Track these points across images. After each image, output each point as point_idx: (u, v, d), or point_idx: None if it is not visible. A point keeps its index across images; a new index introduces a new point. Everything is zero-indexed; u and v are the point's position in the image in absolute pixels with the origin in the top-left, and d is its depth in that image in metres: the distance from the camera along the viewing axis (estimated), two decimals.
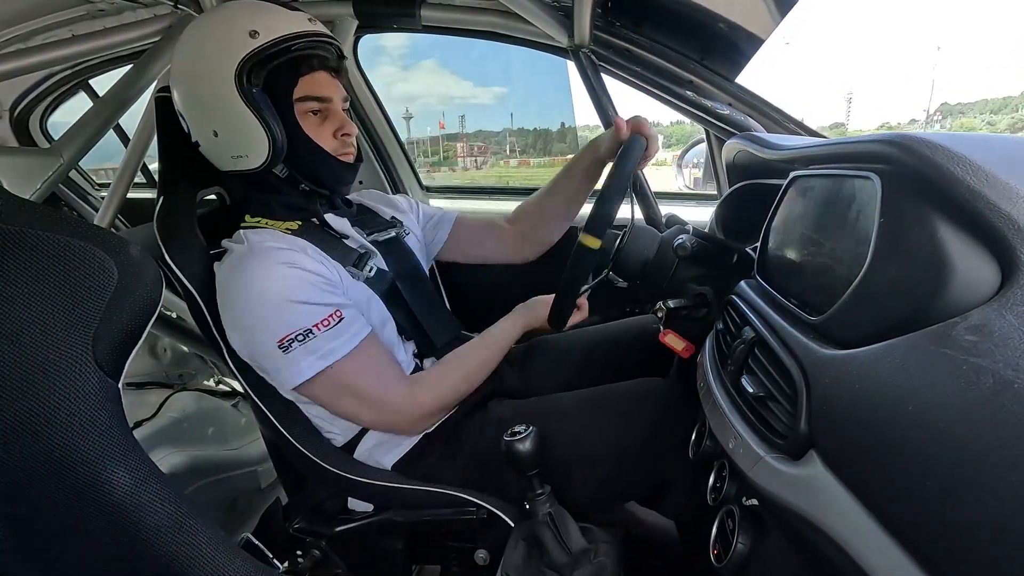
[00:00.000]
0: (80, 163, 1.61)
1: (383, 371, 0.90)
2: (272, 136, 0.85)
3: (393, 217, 1.12)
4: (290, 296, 0.81)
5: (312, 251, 0.90)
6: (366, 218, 1.07)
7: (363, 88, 1.71)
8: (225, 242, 0.93)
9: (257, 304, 0.82)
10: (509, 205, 1.91)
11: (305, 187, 0.94)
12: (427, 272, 1.13)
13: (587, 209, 0.91)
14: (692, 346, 0.93)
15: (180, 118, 0.92)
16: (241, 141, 0.86)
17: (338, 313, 0.84)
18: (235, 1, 0.88)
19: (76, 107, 2.02)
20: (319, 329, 0.82)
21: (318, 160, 0.91)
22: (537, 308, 1.06)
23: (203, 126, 0.88)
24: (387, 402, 0.89)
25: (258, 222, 0.94)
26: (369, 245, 1.00)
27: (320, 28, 0.89)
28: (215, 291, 0.91)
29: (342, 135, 0.92)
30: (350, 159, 0.95)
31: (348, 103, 0.97)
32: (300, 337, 0.81)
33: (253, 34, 0.82)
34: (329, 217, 0.99)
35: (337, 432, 0.98)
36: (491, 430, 0.97)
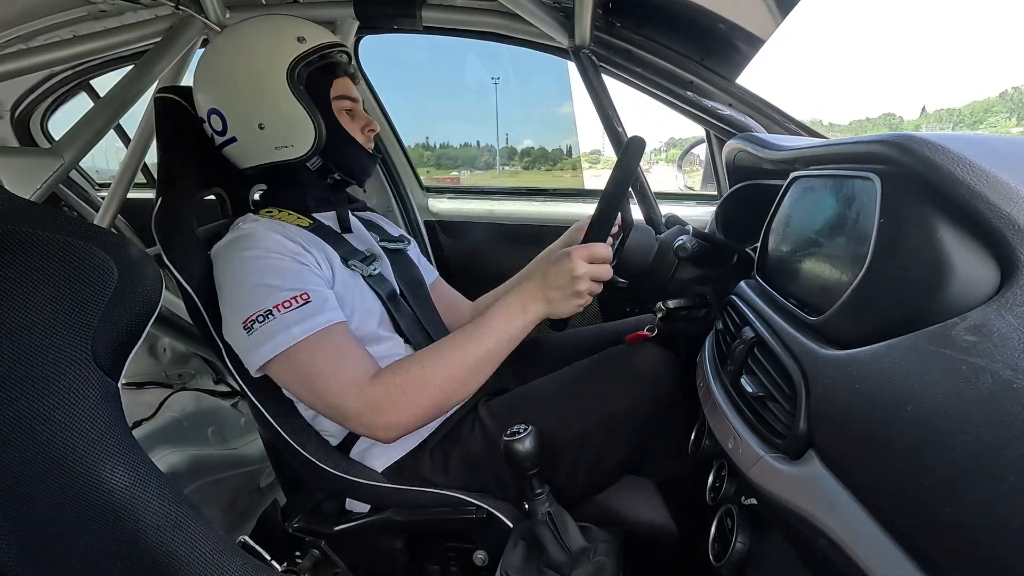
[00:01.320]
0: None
1: (342, 361, 0.84)
2: (317, 126, 0.94)
3: (401, 235, 1.18)
4: (259, 280, 0.84)
5: (304, 239, 0.93)
6: (377, 228, 1.15)
7: (364, 88, 1.72)
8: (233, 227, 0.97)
9: (231, 287, 0.86)
10: (510, 206, 1.92)
11: (333, 179, 1.03)
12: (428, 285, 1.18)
13: (589, 209, 0.90)
14: (636, 339, 0.98)
15: (209, 116, 0.96)
16: (288, 132, 0.94)
17: (303, 296, 0.84)
18: (273, 16, 0.99)
19: (78, 108, 2.02)
20: (279, 310, 0.82)
21: (352, 150, 1.01)
22: (554, 296, 0.85)
23: (247, 120, 0.94)
24: (334, 392, 0.83)
25: (270, 212, 1.00)
26: (378, 249, 1.06)
27: (339, 39, 1.02)
28: (213, 291, 0.93)
29: (368, 131, 1.04)
30: (371, 150, 1.06)
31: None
32: (260, 318, 0.82)
33: (301, 40, 0.94)
34: (326, 230, 1.03)
35: (332, 432, 0.99)
36: (481, 430, 0.96)
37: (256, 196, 1.20)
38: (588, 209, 0.92)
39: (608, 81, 1.38)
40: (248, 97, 0.94)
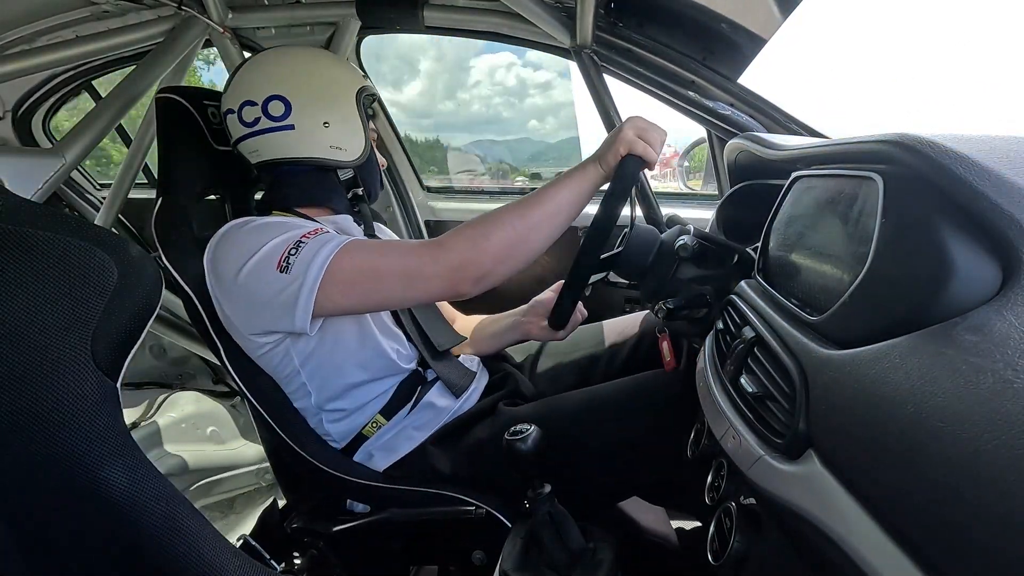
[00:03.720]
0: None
1: (392, 242, 0.91)
2: (367, 141, 1.07)
3: None
4: (272, 234, 0.87)
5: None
6: (375, 235, 1.16)
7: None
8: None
9: (248, 253, 0.85)
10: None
11: (354, 192, 1.11)
12: None
13: (591, 210, 0.90)
14: (675, 364, 0.97)
15: (267, 102, 0.98)
16: (346, 137, 1.04)
17: (321, 229, 0.89)
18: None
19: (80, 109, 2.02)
20: (308, 237, 0.85)
21: (377, 172, 1.13)
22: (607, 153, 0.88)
23: (316, 114, 1.01)
24: (406, 262, 0.84)
25: (276, 214, 1.02)
26: None
27: None
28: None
29: (380, 164, 1.15)
30: None
31: None
32: (293, 250, 0.84)
33: (364, 76, 1.10)
34: (344, 219, 1.08)
35: (335, 436, 0.99)
36: (498, 430, 0.97)
37: (258, 196, 1.20)
38: (590, 209, 0.91)
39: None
40: (324, 96, 1.02)
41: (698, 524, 1.12)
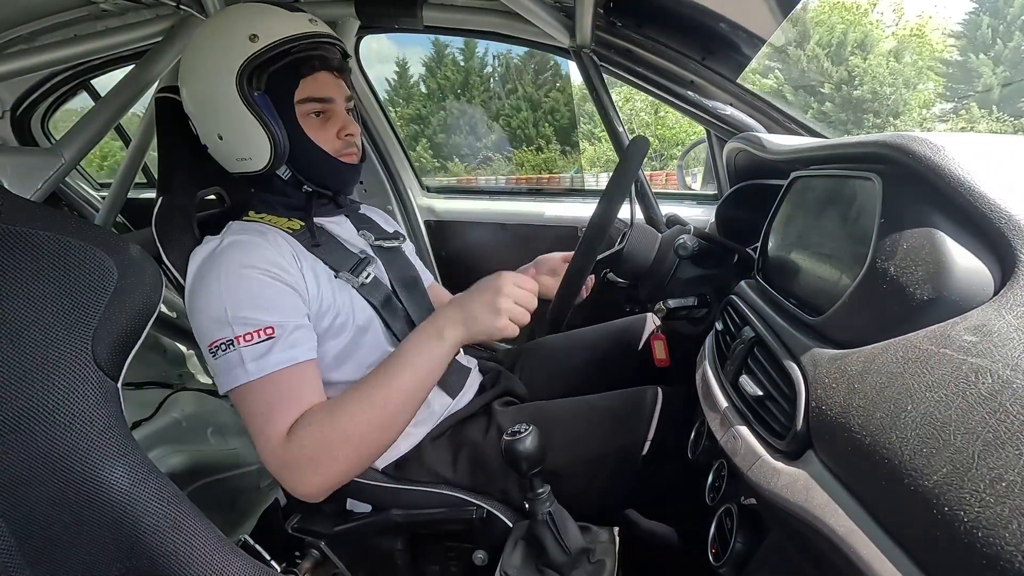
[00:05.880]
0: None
1: (275, 409, 0.77)
2: (273, 139, 0.85)
3: (396, 231, 1.12)
4: (231, 301, 0.79)
5: (294, 253, 0.88)
6: (371, 225, 1.08)
7: (364, 87, 1.72)
8: (208, 237, 0.90)
9: (207, 304, 0.80)
10: (510, 206, 1.92)
11: (308, 188, 0.94)
12: (424, 284, 1.11)
13: (590, 209, 0.90)
14: (667, 362, 0.97)
15: (190, 120, 0.93)
16: (244, 144, 0.86)
17: (268, 330, 0.78)
18: (237, 5, 0.89)
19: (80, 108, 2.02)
20: (240, 343, 0.77)
21: (320, 161, 0.91)
22: (476, 310, 0.80)
23: (209, 129, 0.89)
24: (257, 442, 0.77)
25: (262, 218, 0.93)
26: (370, 251, 1.00)
27: (322, 28, 0.89)
28: None
29: (345, 135, 0.92)
30: (353, 160, 0.95)
31: (353, 103, 0.96)
32: (223, 347, 0.77)
33: (253, 38, 0.82)
34: (329, 220, 0.99)
35: None
36: (493, 433, 0.96)
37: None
38: (588, 209, 0.91)
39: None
40: (204, 106, 0.88)
41: (699, 525, 1.12)
